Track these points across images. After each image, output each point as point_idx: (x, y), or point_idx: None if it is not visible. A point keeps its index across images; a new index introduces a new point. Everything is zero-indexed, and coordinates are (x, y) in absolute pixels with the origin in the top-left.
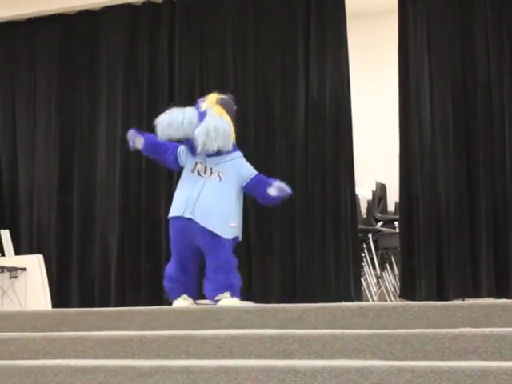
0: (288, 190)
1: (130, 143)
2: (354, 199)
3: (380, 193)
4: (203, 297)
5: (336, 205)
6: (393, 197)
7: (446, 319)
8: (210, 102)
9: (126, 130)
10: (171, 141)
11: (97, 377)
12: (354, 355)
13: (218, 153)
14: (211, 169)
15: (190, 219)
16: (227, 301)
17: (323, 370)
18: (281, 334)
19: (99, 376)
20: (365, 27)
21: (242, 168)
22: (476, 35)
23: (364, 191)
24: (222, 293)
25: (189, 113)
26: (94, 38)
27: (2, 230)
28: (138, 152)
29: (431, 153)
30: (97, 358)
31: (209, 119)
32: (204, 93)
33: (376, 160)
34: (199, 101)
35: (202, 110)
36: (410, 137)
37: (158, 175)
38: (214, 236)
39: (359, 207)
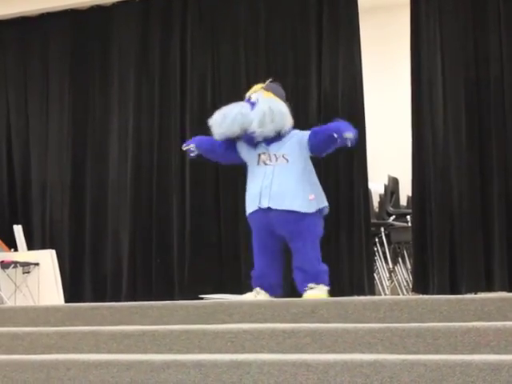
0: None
1: (189, 155)
2: (366, 193)
3: (392, 187)
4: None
5: (349, 199)
6: (405, 191)
7: (458, 313)
8: (256, 90)
9: (137, 126)
10: (228, 140)
11: (109, 371)
12: (367, 349)
13: (278, 137)
14: (275, 155)
15: (268, 208)
16: (312, 292)
17: (335, 364)
18: (293, 328)
19: (112, 370)
20: (377, 21)
21: (300, 137)
22: (489, 29)
23: (376, 185)
24: (311, 283)
25: (240, 105)
26: (105, 34)
27: (15, 226)
28: (149, 147)
29: (444, 146)
30: (109, 352)
31: (261, 104)
32: (215, 89)
33: (388, 154)
34: (247, 95)
35: (253, 99)
36: (422, 131)
37: (170, 171)
38: (297, 216)
39: (371, 201)
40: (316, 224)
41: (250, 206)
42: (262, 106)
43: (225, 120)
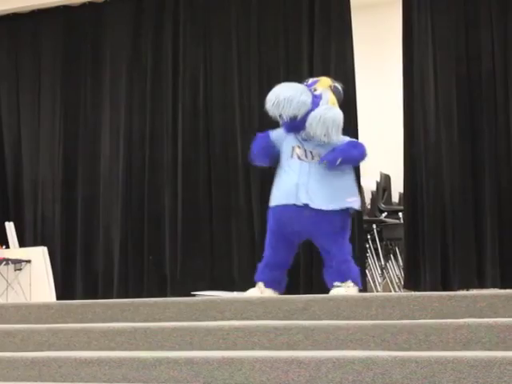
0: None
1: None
2: (358, 190)
3: (384, 183)
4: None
5: None
6: (397, 187)
7: (450, 309)
8: (324, 86)
9: (129, 122)
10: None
11: (101, 368)
12: (359, 346)
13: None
14: (311, 152)
15: (304, 206)
16: (339, 290)
17: (327, 361)
18: (285, 325)
19: (104, 368)
20: (369, 18)
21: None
22: (481, 25)
23: (368, 182)
24: (342, 281)
25: (304, 92)
26: (97, 30)
27: (7, 223)
28: (141, 143)
29: (436, 143)
30: (101, 349)
31: (326, 109)
32: (207, 85)
33: (380, 151)
34: (311, 81)
35: (317, 93)
36: (414, 127)
37: (162, 168)
38: (332, 218)
39: (363, 198)
40: (347, 224)
41: (282, 199)
42: (327, 113)
43: (291, 100)
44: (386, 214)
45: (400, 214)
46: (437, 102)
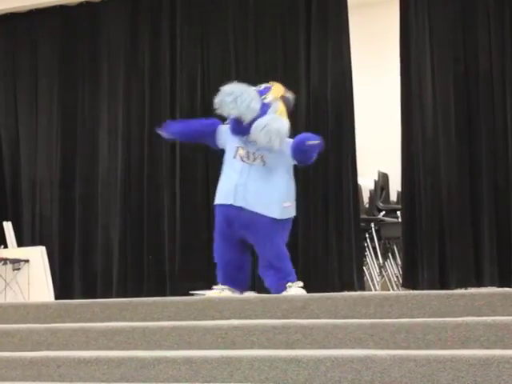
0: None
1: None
2: (356, 189)
3: (382, 182)
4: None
5: (338, 195)
6: (395, 186)
7: (448, 308)
8: (276, 96)
9: (127, 122)
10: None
11: (100, 368)
12: (357, 345)
13: None
14: (254, 154)
15: (240, 208)
16: (295, 290)
17: (326, 359)
18: (283, 324)
19: (102, 367)
20: (366, 16)
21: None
22: (478, 23)
23: (366, 181)
24: (287, 282)
25: (255, 98)
26: (95, 30)
27: (5, 222)
28: (139, 143)
29: (433, 141)
30: (100, 349)
31: (272, 118)
32: (205, 84)
33: (378, 149)
34: (263, 87)
35: (267, 101)
36: (411, 126)
37: (160, 168)
38: (266, 219)
39: (361, 197)
40: (284, 229)
41: (222, 199)
42: (271, 123)
43: (236, 101)
44: (384, 212)
45: (398, 213)
46: (434, 101)
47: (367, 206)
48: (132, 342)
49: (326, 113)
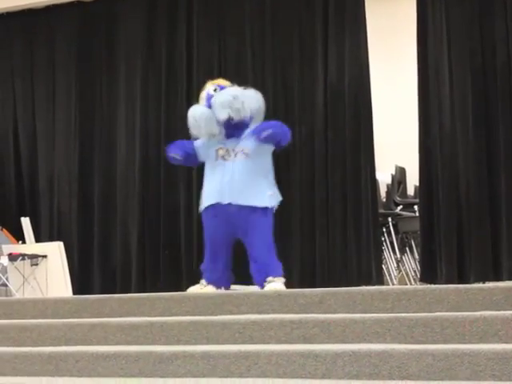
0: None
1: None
2: (374, 183)
3: (399, 176)
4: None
5: (356, 189)
6: (412, 180)
7: (466, 302)
8: (206, 89)
9: (145, 117)
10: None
11: (118, 363)
12: (375, 339)
13: (236, 132)
14: (233, 150)
15: (228, 204)
16: (274, 285)
17: (344, 354)
18: (301, 319)
19: (120, 362)
20: (383, 10)
21: (255, 132)
22: (495, 16)
23: (383, 175)
24: (270, 276)
25: (200, 109)
26: (112, 25)
27: (23, 218)
28: (157, 138)
29: (451, 136)
30: (118, 344)
31: (215, 98)
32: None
33: (395, 144)
34: (214, 89)
35: (211, 92)
36: (429, 120)
37: None
38: (255, 211)
39: (379, 191)
40: (271, 219)
41: (208, 200)
42: (225, 92)
43: (199, 127)
44: (401, 206)
45: (415, 207)
46: (452, 94)
47: (384, 200)
48: (150, 337)
49: (343, 107)
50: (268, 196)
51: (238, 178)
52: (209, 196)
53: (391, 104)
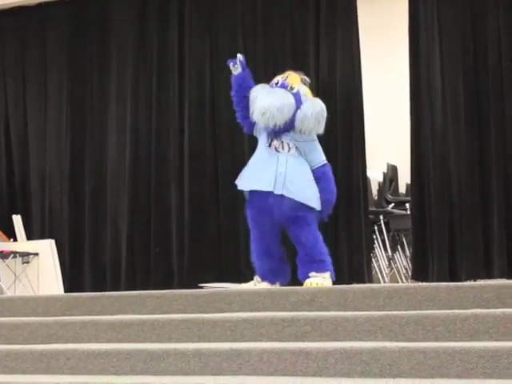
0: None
1: (231, 63)
2: (365, 181)
3: (391, 174)
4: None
5: (348, 187)
6: (404, 178)
7: (457, 300)
8: (296, 81)
9: (135, 115)
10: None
11: (109, 361)
12: (366, 337)
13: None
14: (288, 144)
15: (281, 196)
16: (315, 280)
17: (335, 352)
18: (292, 317)
19: (112, 360)
20: (375, 8)
21: (313, 151)
22: (487, 15)
23: (375, 173)
24: (318, 271)
25: (287, 96)
26: (103, 23)
27: (14, 216)
28: (147, 135)
29: (442, 134)
30: (109, 341)
31: (312, 104)
32: (214, 77)
33: (387, 142)
34: (280, 80)
35: (295, 90)
36: (421, 118)
37: (168, 160)
38: (307, 210)
39: (370, 189)
40: (318, 216)
41: (259, 186)
42: (315, 108)
43: (282, 110)
44: (393, 204)
45: (407, 205)
46: (443, 92)
47: (376, 198)
48: (141, 335)
49: (335, 105)
50: (317, 198)
51: (292, 173)
52: (259, 181)
53: (383, 102)
